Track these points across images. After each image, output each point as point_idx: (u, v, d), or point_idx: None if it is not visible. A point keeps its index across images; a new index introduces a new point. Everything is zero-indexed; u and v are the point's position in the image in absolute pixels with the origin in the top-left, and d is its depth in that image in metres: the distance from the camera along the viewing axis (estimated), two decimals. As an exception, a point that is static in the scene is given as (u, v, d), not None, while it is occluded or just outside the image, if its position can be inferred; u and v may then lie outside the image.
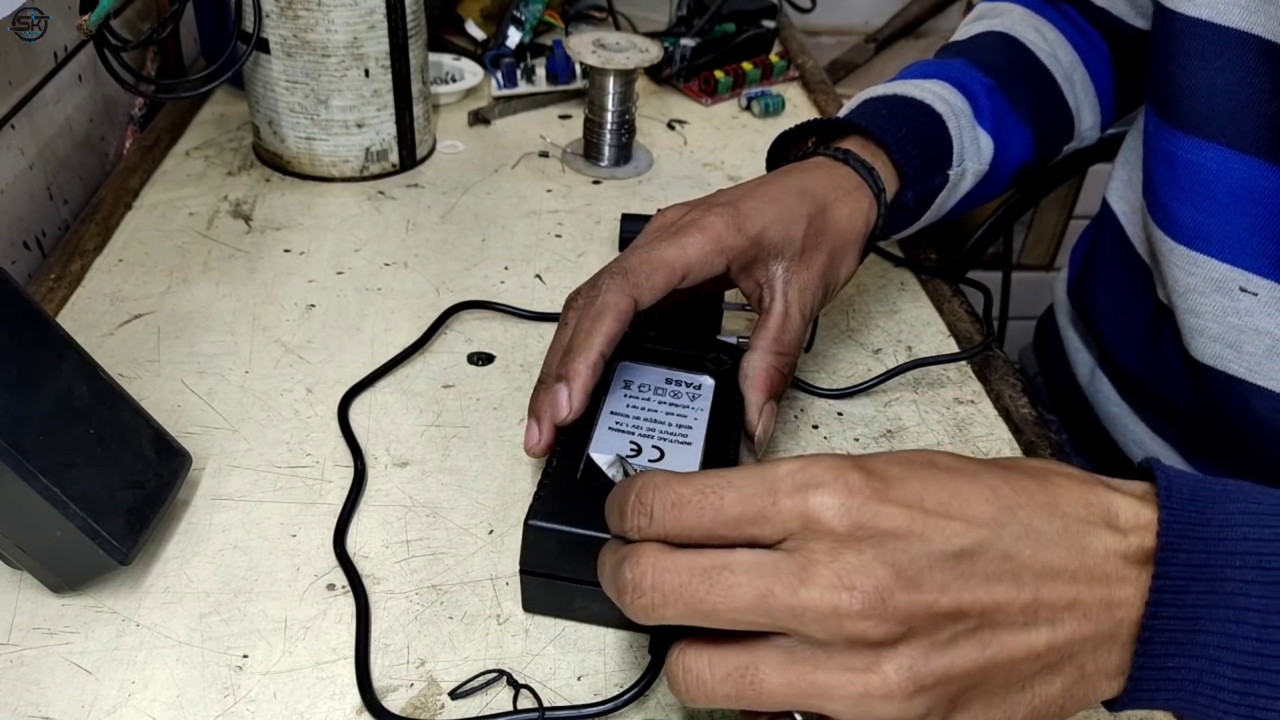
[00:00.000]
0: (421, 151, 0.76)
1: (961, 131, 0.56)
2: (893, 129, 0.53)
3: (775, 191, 0.47)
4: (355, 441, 0.49)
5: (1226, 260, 0.51)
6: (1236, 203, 0.50)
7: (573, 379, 0.42)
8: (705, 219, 0.44)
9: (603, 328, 0.42)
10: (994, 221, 0.84)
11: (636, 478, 0.30)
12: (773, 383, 0.45)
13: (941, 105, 0.56)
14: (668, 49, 0.89)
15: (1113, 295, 0.64)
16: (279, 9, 0.66)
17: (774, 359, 0.46)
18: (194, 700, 0.37)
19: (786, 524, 0.28)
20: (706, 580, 0.27)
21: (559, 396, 0.42)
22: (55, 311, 0.57)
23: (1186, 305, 0.53)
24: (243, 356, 0.55)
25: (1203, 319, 0.53)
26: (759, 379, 0.45)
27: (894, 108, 0.55)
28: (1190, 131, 0.52)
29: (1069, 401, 0.69)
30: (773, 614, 0.27)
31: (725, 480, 0.29)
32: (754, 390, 0.45)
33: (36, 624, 0.40)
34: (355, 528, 0.45)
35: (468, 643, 0.40)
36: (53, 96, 0.71)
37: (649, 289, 0.43)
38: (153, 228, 0.66)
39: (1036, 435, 0.52)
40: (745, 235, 0.45)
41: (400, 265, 0.63)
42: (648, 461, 0.41)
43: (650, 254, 0.43)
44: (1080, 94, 0.65)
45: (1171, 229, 0.54)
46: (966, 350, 0.57)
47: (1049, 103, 0.63)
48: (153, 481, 0.42)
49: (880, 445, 0.51)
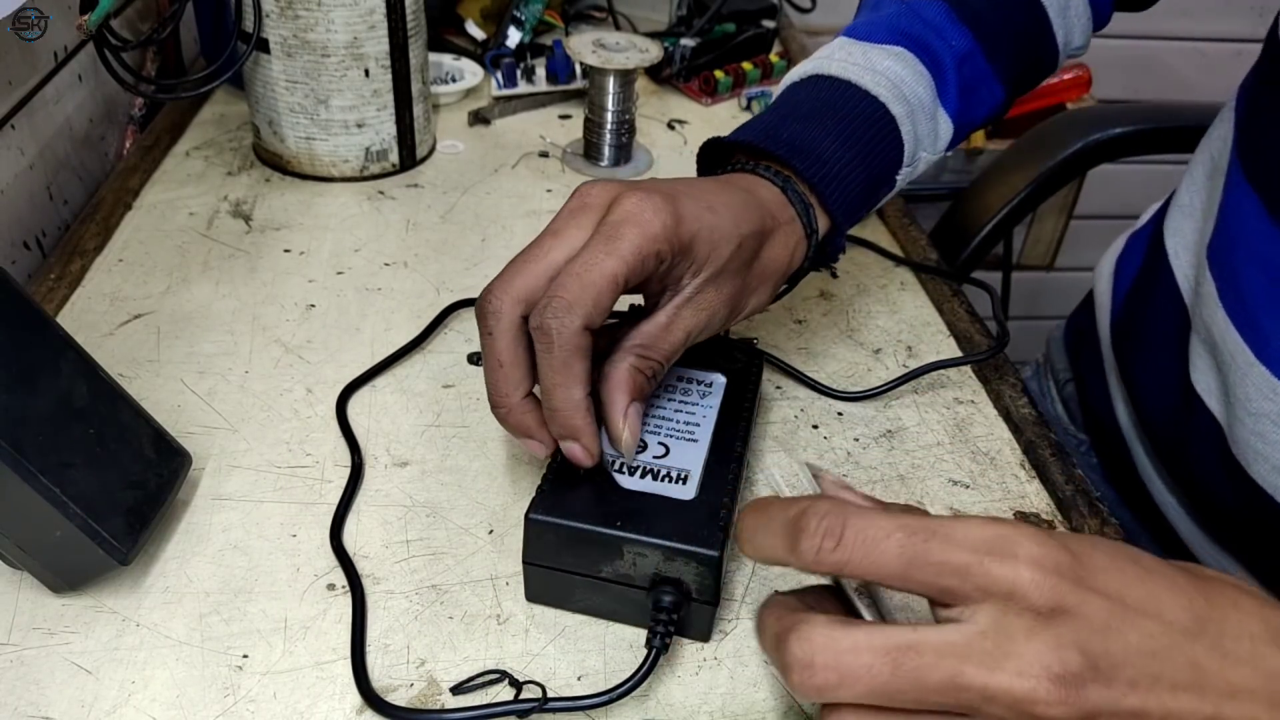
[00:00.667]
0: (421, 151, 0.76)
1: (917, 127, 0.51)
2: (835, 155, 0.47)
3: (716, 201, 0.42)
4: (353, 435, 0.49)
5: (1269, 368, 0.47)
6: None
7: (580, 435, 0.39)
8: (642, 214, 0.38)
9: (576, 373, 0.38)
10: (996, 223, 0.85)
11: (817, 499, 0.29)
12: (639, 385, 0.41)
13: (898, 105, 0.49)
14: (668, 49, 0.89)
15: (1155, 355, 0.59)
16: (279, 9, 0.66)
17: (640, 361, 0.41)
18: (194, 700, 0.37)
19: (988, 588, 0.26)
20: (893, 662, 0.26)
21: (575, 453, 0.39)
22: (55, 311, 0.57)
23: (1255, 428, 0.49)
24: (243, 356, 0.55)
25: (1272, 447, 0.48)
26: (623, 380, 0.40)
27: (840, 113, 0.48)
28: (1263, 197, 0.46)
29: (1105, 436, 0.66)
30: (960, 695, 0.26)
31: (928, 526, 0.27)
32: (617, 392, 0.40)
33: (36, 624, 0.40)
34: (356, 527, 0.45)
35: (468, 642, 0.40)
36: (53, 96, 0.71)
37: (598, 313, 0.38)
38: (153, 228, 0.66)
39: (1036, 435, 0.52)
40: (680, 240, 0.39)
41: (400, 265, 0.63)
42: (652, 458, 0.42)
43: (588, 274, 0.37)
44: (1073, 18, 0.57)
45: (1258, 344, 0.48)
46: (985, 351, 0.57)
47: (1033, 46, 0.56)
48: (153, 481, 0.42)
49: (880, 445, 0.51)
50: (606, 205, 0.40)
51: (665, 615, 0.38)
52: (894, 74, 0.50)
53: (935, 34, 0.52)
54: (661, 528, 0.38)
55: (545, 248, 0.39)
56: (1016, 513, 0.48)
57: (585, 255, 0.38)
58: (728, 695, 0.38)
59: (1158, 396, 0.58)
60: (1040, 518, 0.48)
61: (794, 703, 0.38)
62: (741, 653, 0.40)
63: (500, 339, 0.39)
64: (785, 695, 0.38)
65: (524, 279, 0.39)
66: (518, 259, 0.40)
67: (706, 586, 0.38)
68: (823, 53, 0.53)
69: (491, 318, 0.39)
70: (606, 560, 0.39)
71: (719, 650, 0.40)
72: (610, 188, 0.40)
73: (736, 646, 0.40)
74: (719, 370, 0.47)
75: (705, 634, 0.40)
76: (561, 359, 0.37)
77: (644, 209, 0.38)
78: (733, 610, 0.42)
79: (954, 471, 0.50)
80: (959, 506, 0.48)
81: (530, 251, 0.40)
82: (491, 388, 0.40)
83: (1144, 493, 0.63)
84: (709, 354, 0.47)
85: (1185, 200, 0.59)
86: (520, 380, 0.40)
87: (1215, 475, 0.53)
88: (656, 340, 0.41)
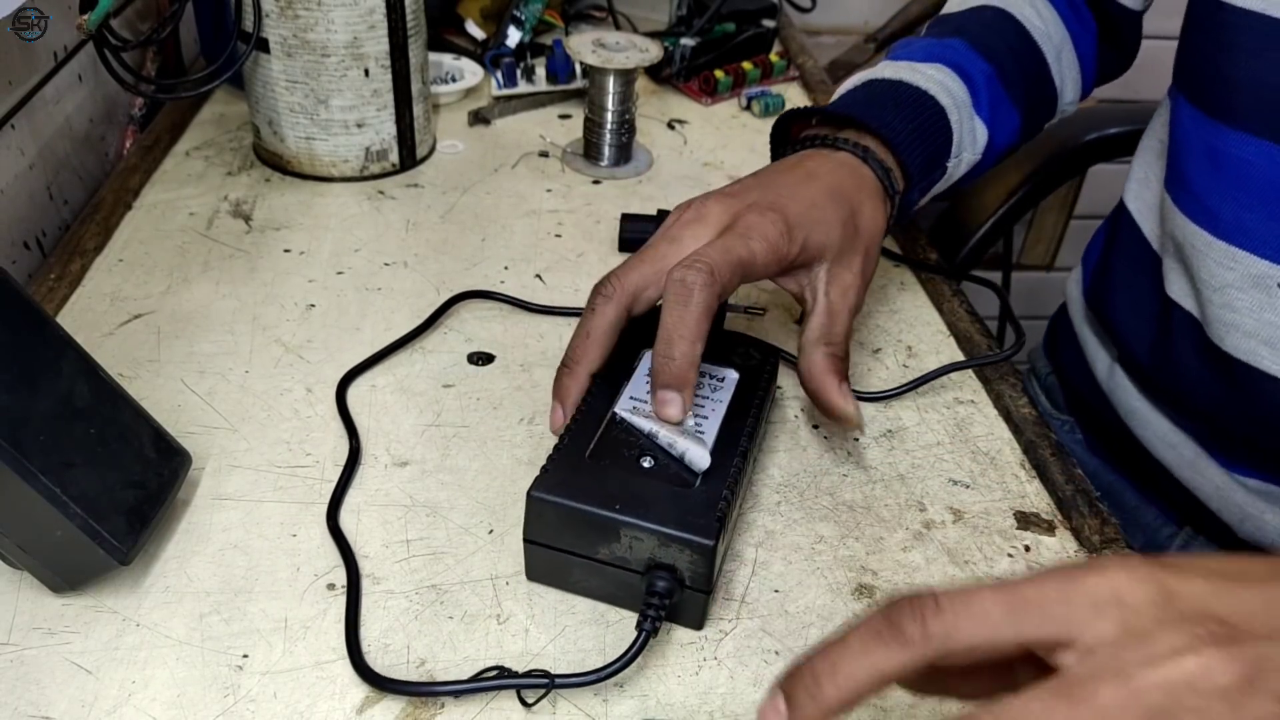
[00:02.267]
0: (421, 151, 0.76)
1: (962, 123, 0.57)
2: (899, 126, 0.53)
3: (812, 195, 0.48)
4: (351, 421, 0.50)
5: (1267, 257, 0.51)
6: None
7: (685, 387, 0.42)
8: (761, 226, 0.45)
9: (702, 331, 0.42)
10: (995, 222, 0.85)
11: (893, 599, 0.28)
12: (838, 368, 0.47)
13: (945, 97, 0.56)
14: (668, 49, 0.89)
15: (1131, 294, 0.64)
16: (279, 9, 0.66)
17: (826, 348, 0.47)
18: (194, 700, 0.37)
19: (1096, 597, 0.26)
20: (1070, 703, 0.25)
21: (671, 408, 0.42)
22: (55, 311, 0.57)
23: (1222, 300, 0.53)
24: (243, 356, 0.55)
25: (1239, 314, 0.53)
26: (824, 366, 0.46)
27: (899, 99, 0.55)
28: (1236, 125, 0.51)
29: (1087, 401, 0.69)
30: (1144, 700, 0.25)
31: (1011, 579, 0.27)
32: (826, 376, 0.46)
33: (36, 624, 0.40)
34: (356, 527, 0.45)
35: (468, 642, 0.40)
36: (53, 96, 0.71)
37: (728, 286, 0.43)
38: (153, 228, 0.66)
39: (1036, 435, 0.52)
40: (795, 243, 0.46)
41: (400, 265, 0.63)
42: (656, 445, 0.42)
43: (729, 252, 0.43)
44: (1065, 70, 0.65)
45: (1210, 224, 0.53)
46: (1002, 352, 0.57)
47: (1039, 84, 0.63)
48: (153, 481, 0.42)
49: (880, 445, 0.51)
50: (725, 220, 0.46)
51: (657, 600, 0.38)
52: (938, 78, 0.57)
53: (963, 58, 0.60)
54: (659, 514, 0.38)
55: (661, 251, 0.46)
56: (1017, 512, 0.48)
57: (723, 241, 0.44)
58: (728, 695, 0.38)
59: (1137, 328, 0.62)
60: (1040, 517, 0.48)
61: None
62: (741, 653, 0.40)
63: (601, 316, 0.45)
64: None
65: (639, 274, 0.45)
66: (634, 258, 0.46)
67: (700, 575, 0.38)
68: (868, 72, 0.59)
69: (602, 297, 0.45)
70: (604, 542, 0.39)
71: (719, 650, 0.40)
72: (727, 204, 0.47)
73: (737, 646, 0.40)
74: (732, 366, 0.47)
75: (698, 622, 0.41)
76: (695, 314, 0.41)
77: (764, 221, 0.45)
78: (732, 610, 0.42)
79: (954, 471, 0.50)
80: (959, 506, 0.48)
81: (646, 253, 0.46)
82: (572, 350, 0.45)
83: (1136, 446, 0.64)
84: (725, 350, 0.48)
85: (1141, 174, 0.64)
86: (596, 358, 0.45)
87: (1199, 375, 0.57)
88: (829, 326, 0.47)
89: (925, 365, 0.57)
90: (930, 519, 0.47)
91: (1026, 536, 0.47)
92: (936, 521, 0.47)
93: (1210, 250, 0.53)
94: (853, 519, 0.47)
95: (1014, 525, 0.47)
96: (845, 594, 0.43)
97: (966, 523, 0.47)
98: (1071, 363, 0.71)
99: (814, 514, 0.47)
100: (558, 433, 0.43)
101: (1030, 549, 0.46)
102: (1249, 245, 0.52)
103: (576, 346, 0.45)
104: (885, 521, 0.47)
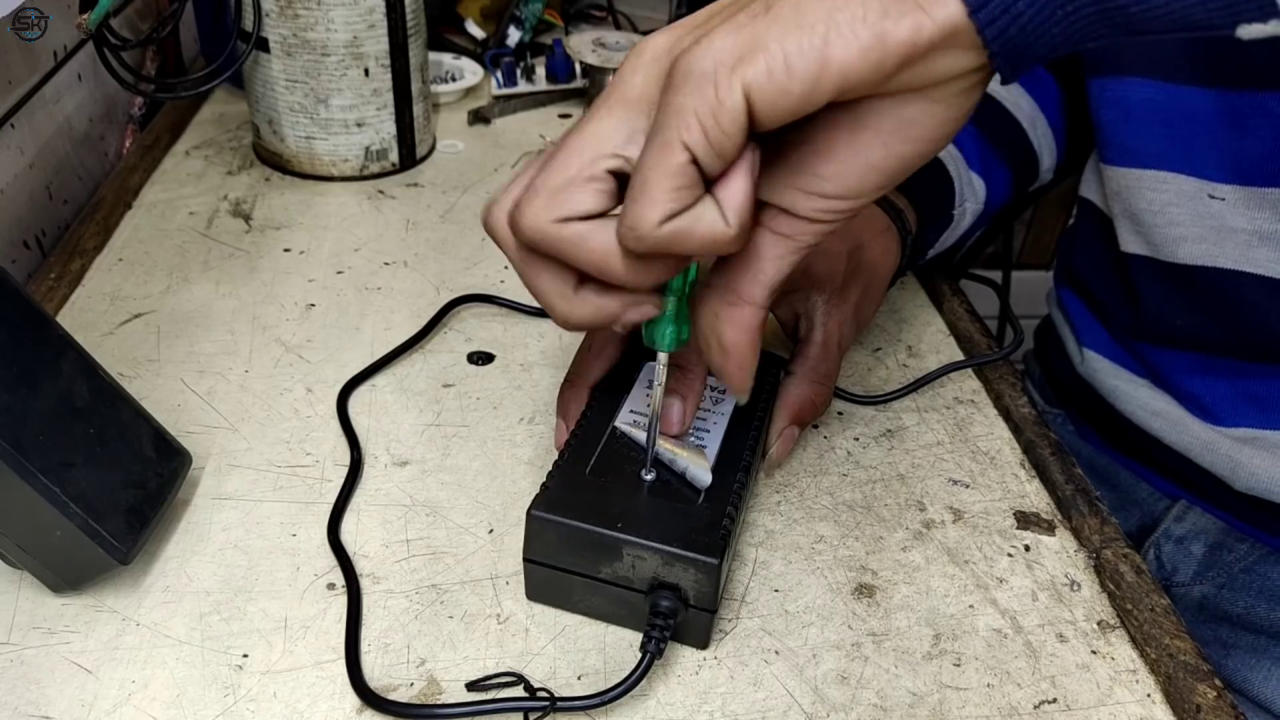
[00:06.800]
0: (421, 151, 0.76)
1: (959, 173, 0.58)
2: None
3: None
4: (353, 431, 0.49)
5: (1191, 174, 0.54)
6: (1186, 124, 0.53)
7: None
8: None
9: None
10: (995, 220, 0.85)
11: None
12: (802, 410, 0.47)
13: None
14: (668, 48, 0.89)
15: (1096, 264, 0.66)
16: (279, 8, 0.66)
17: (810, 388, 0.47)
18: (194, 699, 0.37)
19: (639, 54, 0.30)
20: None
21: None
22: (55, 311, 0.57)
23: (1165, 219, 0.56)
24: (243, 356, 0.55)
25: (1183, 226, 0.55)
26: (790, 403, 0.47)
27: None
28: (1135, 74, 0.55)
29: (1072, 390, 0.70)
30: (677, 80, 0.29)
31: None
32: (782, 412, 0.46)
33: (36, 623, 0.40)
34: (356, 527, 0.45)
35: (468, 642, 0.40)
36: (53, 96, 0.71)
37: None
38: (152, 227, 0.66)
39: (1036, 434, 0.52)
40: (799, 269, 0.46)
41: (400, 264, 0.63)
42: (658, 462, 0.41)
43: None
44: (1040, 137, 0.67)
45: (1136, 160, 0.56)
46: (1000, 350, 0.57)
47: (1020, 146, 0.66)
48: (153, 481, 0.42)
49: (880, 445, 0.51)
50: None
51: (661, 620, 0.37)
52: None
53: None
54: (662, 532, 0.38)
55: None
56: (1016, 512, 0.48)
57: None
58: (728, 695, 0.38)
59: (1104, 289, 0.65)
60: (1040, 517, 0.48)
61: (794, 703, 0.38)
62: (741, 653, 0.40)
63: (600, 334, 0.45)
64: (785, 695, 0.38)
65: None
66: None
67: (705, 594, 0.38)
68: None
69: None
70: (606, 561, 0.39)
71: (719, 650, 0.40)
72: None
73: (737, 646, 0.40)
74: None
75: (703, 641, 0.40)
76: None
77: None
78: (732, 610, 0.42)
79: (954, 471, 0.50)
80: (959, 506, 0.48)
81: None
82: (575, 365, 0.46)
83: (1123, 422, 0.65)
84: None
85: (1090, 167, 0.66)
86: (599, 373, 0.45)
87: (1162, 298, 0.59)
88: (820, 360, 0.47)
89: (925, 365, 0.57)
90: (930, 519, 0.47)
91: (1026, 536, 0.47)
92: (936, 521, 0.47)
93: (1142, 183, 0.56)
94: (852, 519, 0.47)
95: (1014, 525, 0.47)
96: (845, 593, 0.43)
97: (966, 522, 0.47)
98: (1054, 355, 0.73)
99: (814, 514, 0.47)
100: (558, 448, 0.43)
101: (1030, 548, 0.46)
102: (1174, 167, 0.54)
103: (579, 361, 0.45)
104: (885, 521, 0.47)
